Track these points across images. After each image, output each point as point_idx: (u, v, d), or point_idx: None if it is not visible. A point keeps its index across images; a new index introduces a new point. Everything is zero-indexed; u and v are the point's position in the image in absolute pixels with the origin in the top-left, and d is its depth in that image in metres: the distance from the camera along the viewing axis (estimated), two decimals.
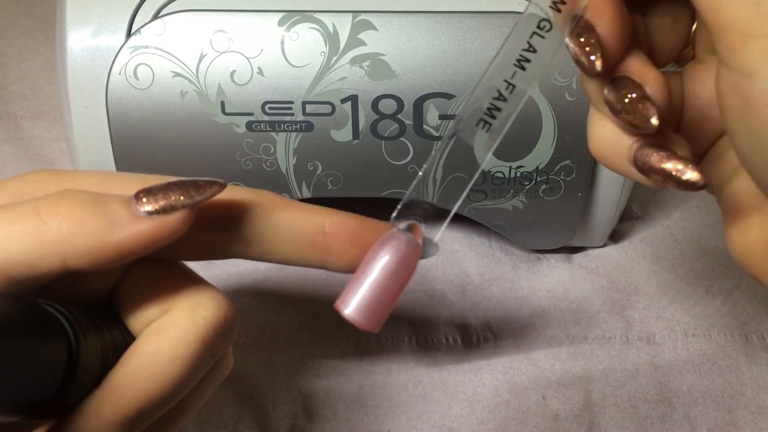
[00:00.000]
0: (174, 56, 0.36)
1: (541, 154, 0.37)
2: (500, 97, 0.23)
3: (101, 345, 0.23)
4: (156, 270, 0.25)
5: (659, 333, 0.41)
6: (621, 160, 0.23)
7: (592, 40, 0.22)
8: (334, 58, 0.36)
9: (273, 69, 0.36)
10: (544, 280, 0.43)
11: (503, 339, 0.41)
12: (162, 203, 0.22)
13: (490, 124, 0.23)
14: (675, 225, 0.46)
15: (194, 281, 0.25)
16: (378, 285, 0.23)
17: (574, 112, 0.36)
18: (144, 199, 0.22)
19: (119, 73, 0.36)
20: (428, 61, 0.36)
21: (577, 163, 0.38)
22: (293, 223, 0.25)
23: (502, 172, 0.38)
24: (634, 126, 0.22)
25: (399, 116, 0.36)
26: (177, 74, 0.36)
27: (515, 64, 0.23)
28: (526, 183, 0.38)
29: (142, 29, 0.36)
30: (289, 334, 0.40)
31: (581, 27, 0.22)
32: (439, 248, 0.25)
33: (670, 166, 0.22)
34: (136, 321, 0.24)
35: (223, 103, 0.36)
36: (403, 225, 0.24)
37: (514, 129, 0.37)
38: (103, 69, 0.36)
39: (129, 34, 0.36)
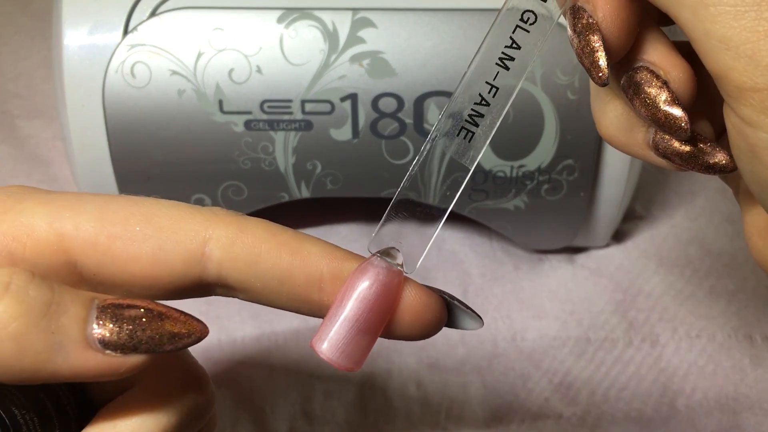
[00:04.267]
0: (171, 54, 0.35)
1: (543, 153, 0.37)
2: (483, 102, 0.21)
3: None
4: None
5: (663, 334, 0.40)
6: (637, 145, 0.22)
7: (595, 44, 0.20)
8: (334, 56, 0.35)
9: (272, 67, 0.35)
10: (546, 281, 0.43)
11: (504, 340, 0.40)
12: (124, 338, 0.18)
13: (473, 133, 0.21)
14: (679, 225, 0.45)
15: None
16: (357, 321, 0.20)
17: (576, 110, 0.36)
18: (106, 322, 0.18)
19: (116, 72, 0.35)
20: (429, 59, 0.35)
21: (580, 163, 0.37)
22: (283, 274, 0.20)
23: (504, 172, 0.38)
24: (664, 131, 0.20)
25: (399, 115, 0.36)
26: (174, 72, 0.35)
27: (498, 64, 0.21)
28: (528, 182, 0.38)
29: (139, 27, 0.35)
30: (287, 335, 0.40)
31: (583, 25, 0.20)
32: (483, 322, 0.23)
33: (695, 149, 0.21)
34: (98, 392, 0.21)
35: (221, 102, 0.36)
36: (381, 251, 0.21)
37: (516, 128, 0.37)
38: (100, 67, 0.36)
39: (126, 32, 0.35)
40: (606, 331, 0.40)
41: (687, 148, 0.21)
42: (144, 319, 0.18)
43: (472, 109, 0.21)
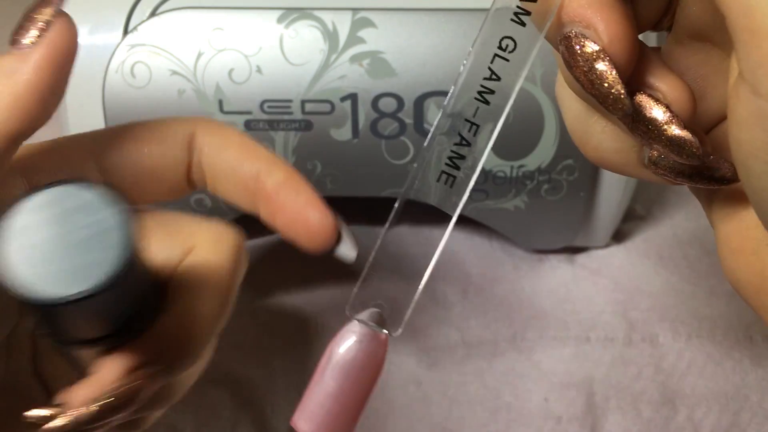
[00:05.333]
0: (171, 54, 0.35)
1: (543, 153, 0.37)
2: (462, 142, 0.19)
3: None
4: (158, 219, 0.26)
5: (663, 334, 0.40)
6: (632, 165, 0.20)
7: (606, 72, 0.17)
8: (334, 56, 0.35)
9: (272, 67, 0.35)
10: (546, 281, 0.42)
11: (504, 340, 0.40)
12: (34, 26, 0.22)
13: (454, 177, 0.19)
14: (679, 225, 0.45)
15: (198, 219, 0.26)
16: (340, 395, 0.19)
17: None
18: (20, 38, 0.22)
19: (116, 72, 0.35)
20: (429, 59, 0.35)
21: (580, 163, 0.37)
22: (233, 166, 0.25)
23: (504, 172, 0.37)
24: (673, 155, 0.18)
25: (399, 115, 0.36)
26: (174, 72, 0.35)
27: (477, 98, 0.19)
28: (528, 182, 0.38)
29: (139, 27, 0.35)
30: (287, 335, 0.40)
31: (587, 54, 0.17)
32: (355, 256, 0.24)
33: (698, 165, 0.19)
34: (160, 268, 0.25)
35: (221, 102, 0.36)
36: (363, 315, 0.20)
37: (516, 128, 0.36)
38: (100, 67, 0.36)
39: (126, 32, 0.35)
40: (606, 331, 0.40)
41: (689, 164, 0.19)
42: (29, 14, 0.23)
43: (451, 151, 0.19)
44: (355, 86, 0.35)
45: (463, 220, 0.42)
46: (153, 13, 0.35)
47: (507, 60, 0.19)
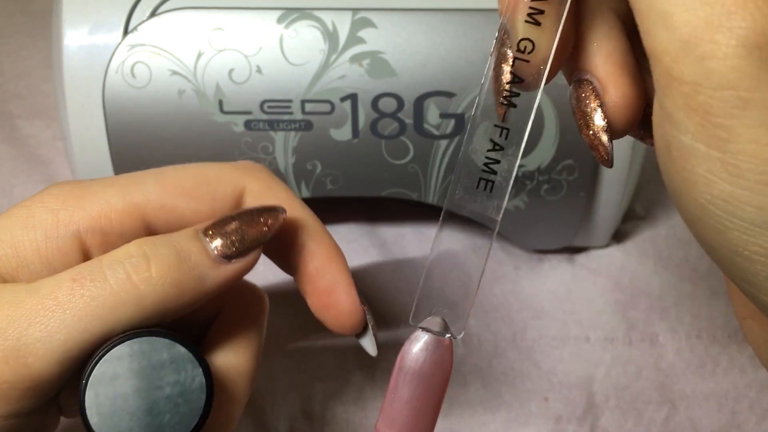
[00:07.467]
0: (171, 54, 0.35)
1: (543, 154, 0.37)
2: (495, 147, 0.20)
3: None
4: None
5: (662, 334, 0.40)
6: None
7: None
8: (334, 56, 0.35)
9: (272, 67, 0.35)
10: (546, 281, 0.42)
11: (504, 340, 0.40)
12: (239, 246, 0.23)
13: (492, 182, 0.20)
14: (679, 225, 0.45)
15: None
16: (414, 399, 0.21)
17: None
18: (217, 241, 0.23)
19: (116, 72, 0.35)
20: (429, 59, 0.35)
21: (580, 163, 0.37)
22: (279, 234, 0.25)
23: None
24: (591, 148, 0.21)
25: (399, 115, 0.36)
26: (174, 72, 0.35)
27: (503, 102, 0.20)
28: (528, 182, 0.38)
29: (139, 27, 0.35)
30: (288, 335, 0.40)
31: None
32: (376, 352, 0.26)
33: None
34: (192, 320, 0.26)
35: (221, 102, 0.36)
36: (426, 323, 0.22)
37: None
38: (100, 67, 0.36)
39: (126, 32, 0.35)
40: (606, 331, 0.40)
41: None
42: (242, 225, 0.23)
43: (486, 157, 0.20)
44: (355, 86, 0.36)
45: (463, 220, 0.42)
46: (153, 13, 0.35)
47: (527, 61, 0.19)
